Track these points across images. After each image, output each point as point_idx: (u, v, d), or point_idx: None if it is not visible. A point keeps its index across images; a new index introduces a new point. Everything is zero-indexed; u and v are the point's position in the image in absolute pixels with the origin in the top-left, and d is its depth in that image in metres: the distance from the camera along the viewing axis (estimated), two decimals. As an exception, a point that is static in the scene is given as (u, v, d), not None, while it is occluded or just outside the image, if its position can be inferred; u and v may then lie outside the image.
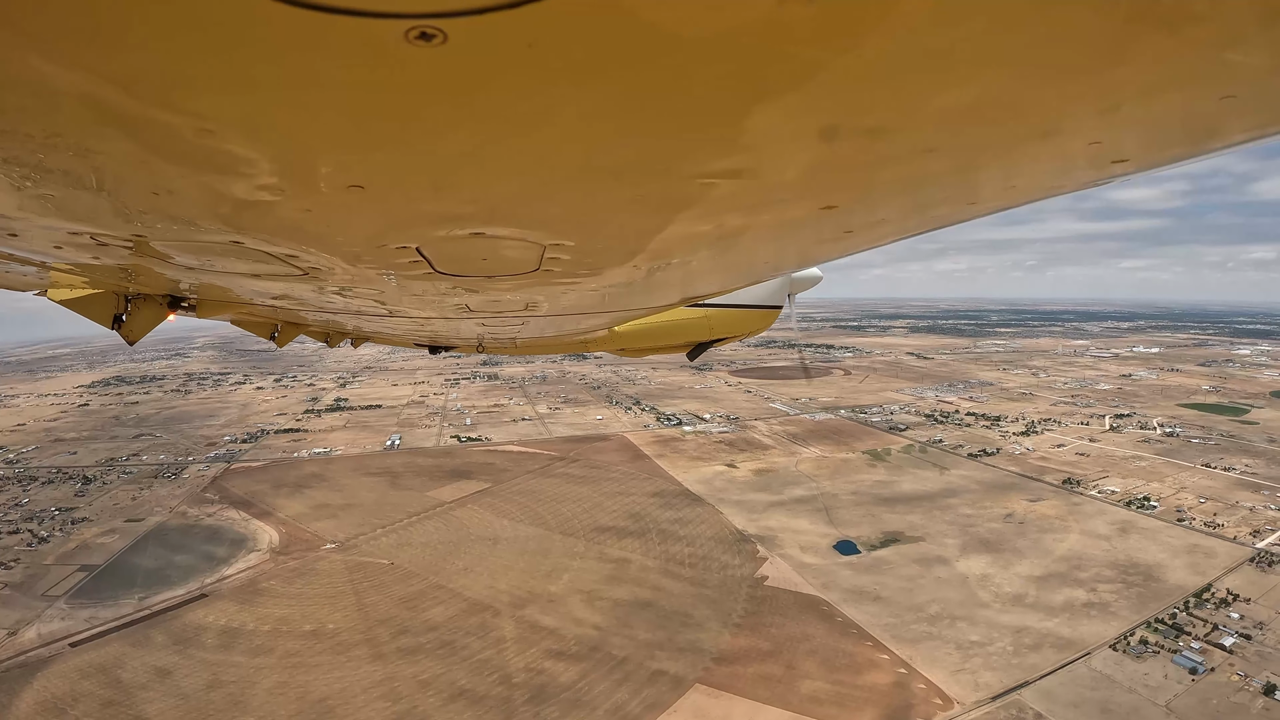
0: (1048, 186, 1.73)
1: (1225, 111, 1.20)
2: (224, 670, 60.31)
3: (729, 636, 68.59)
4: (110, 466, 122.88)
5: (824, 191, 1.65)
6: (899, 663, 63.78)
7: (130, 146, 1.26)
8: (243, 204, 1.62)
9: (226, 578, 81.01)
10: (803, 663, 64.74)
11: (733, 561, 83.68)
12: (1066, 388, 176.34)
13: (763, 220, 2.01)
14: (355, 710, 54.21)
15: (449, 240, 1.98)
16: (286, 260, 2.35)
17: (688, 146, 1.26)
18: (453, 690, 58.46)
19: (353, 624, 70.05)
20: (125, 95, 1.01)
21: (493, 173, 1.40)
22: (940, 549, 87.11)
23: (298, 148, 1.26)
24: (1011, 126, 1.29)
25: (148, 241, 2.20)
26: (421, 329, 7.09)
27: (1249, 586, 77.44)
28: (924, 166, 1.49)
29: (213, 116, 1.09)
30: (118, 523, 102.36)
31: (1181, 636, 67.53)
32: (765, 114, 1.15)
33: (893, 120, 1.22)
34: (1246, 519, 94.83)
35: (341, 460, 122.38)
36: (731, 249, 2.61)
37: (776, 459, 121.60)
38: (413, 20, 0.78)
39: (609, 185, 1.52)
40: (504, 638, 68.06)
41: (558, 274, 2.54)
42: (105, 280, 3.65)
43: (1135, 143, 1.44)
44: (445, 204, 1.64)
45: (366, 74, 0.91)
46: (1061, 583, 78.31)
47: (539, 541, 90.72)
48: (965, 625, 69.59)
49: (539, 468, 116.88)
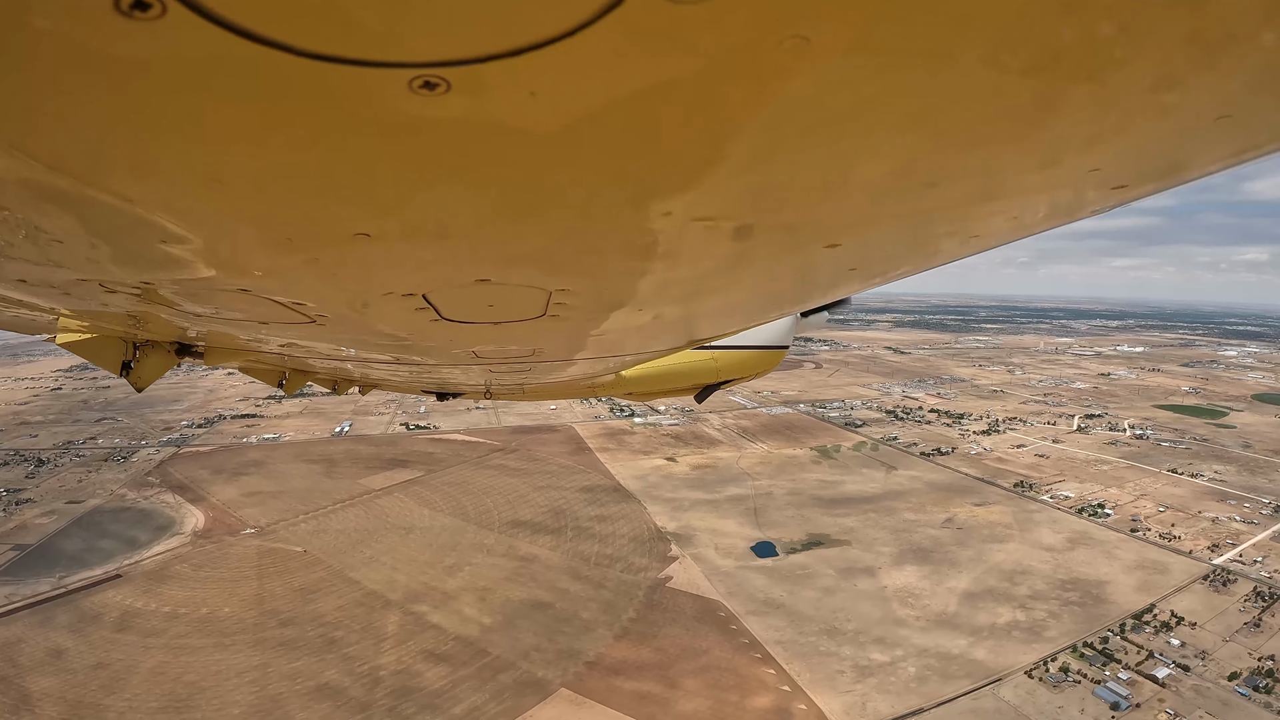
0: (1054, 218, 1.67)
1: (1222, 131, 1.14)
2: (113, 650, 58.37)
3: (612, 643, 60.96)
4: (66, 450, 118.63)
5: (828, 231, 1.61)
6: (787, 682, 55.29)
7: (136, 202, 1.21)
8: (247, 254, 1.60)
9: (144, 560, 77.28)
10: (686, 680, 56.68)
11: (641, 562, 75.60)
12: (1041, 386, 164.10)
13: (766, 261, 1.95)
14: (220, 695, 52.61)
15: (455, 287, 1.95)
16: (293, 307, 2.27)
17: (691, 192, 1.21)
18: (318, 684, 54.89)
19: (245, 611, 66.44)
20: (140, 148, 0.98)
21: (498, 219, 1.34)
22: (870, 557, 77.90)
23: (304, 197, 1.21)
24: (1015, 158, 1.23)
25: (155, 289, 2.13)
26: (429, 376, 6.69)
27: (1198, 608, 67.11)
28: (929, 200, 1.41)
29: (222, 169, 1.05)
30: (59, 504, 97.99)
31: (1110, 664, 57.81)
32: (770, 158, 1.09)
33: (900, 161, 1.16)
34: (1206, 531, 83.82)
35: (287, 447, 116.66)
36: (743, 295, 2.58)
37: (721, 454, 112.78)
38: (416, 70, 0.75)
39: (614, 231, 1.46)
40: (386, 634, 63.39)
41: (563, 319, 2.45)
42: (112, 327, 3.57)
43: (1133, 169, 1.38)
44: (451, 252, 1.59)
45: (371, 123, 0.89)
46: (994, 599, 68.79)
47: (452, 534, 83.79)
48: (874, 645, 60.67)
49: (477, 458, 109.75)
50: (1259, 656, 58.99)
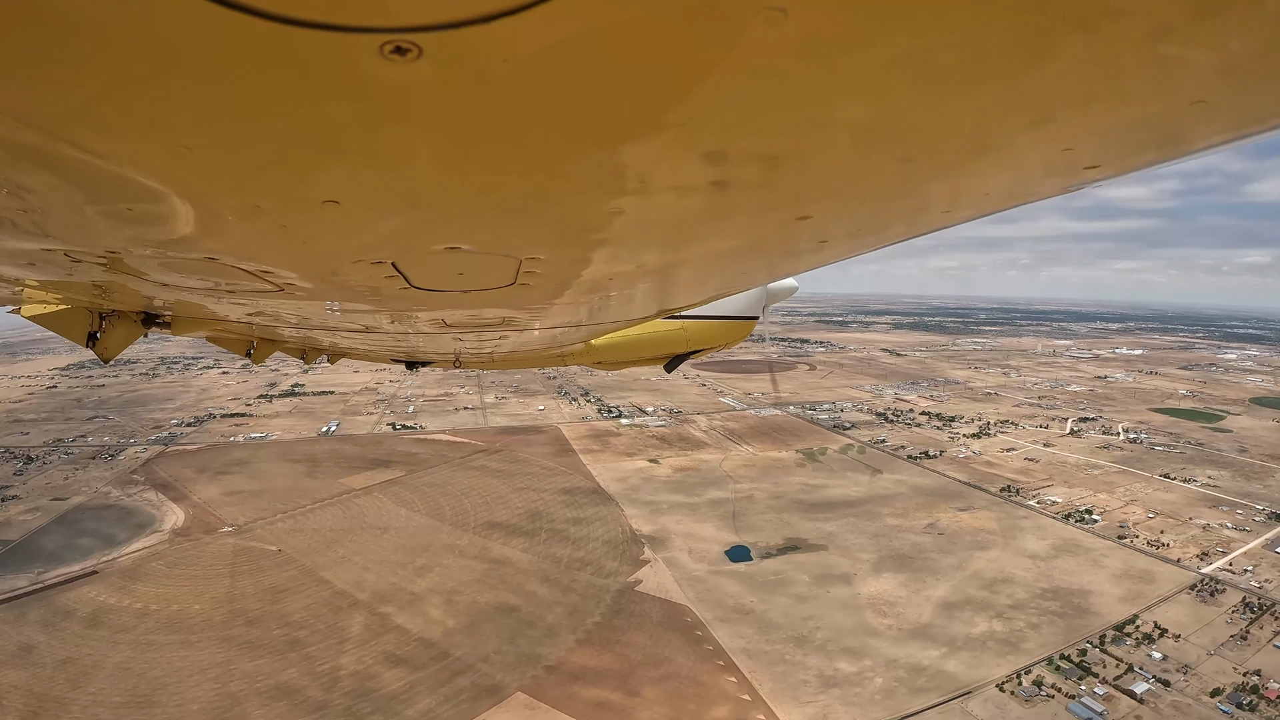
0: (1022, 193, 1.66)
1: (1198, 116, 1.13)
2: (82, 646, 58.10)
3: (574, 648, 58.98)
4: (55, 447, 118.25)
5: (799, 202, 1.59)
6: (749, 691, 52.94)
7: (105, 162, 1.18)
8: (216, 220, 1.57)
9: (120, 557, 76.54)
10: (646, 688, 54.52)
11: (611, 566, 73.44)
12: (1036, 388, 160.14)
13: (738, 232, 1.93)
14: (181, 691, 52.24)
15: (425, 255, 1.91)
16: (261, 276, 2.24)
17: (663, 159, 1.20)
18: (276, 683, 54.07)
19: (214, 609, 65.61)
20: (109, 112, 0.96)
21: (468, 187, 1.33)
22: (848, 563, 75.26)
23: (271, 163, 1.18)
24: (986, 134, 1.21)
25: (121, 258, 2.11)
26: (398, 344, 6.65)
27: (1183, 620, 63.97)
28: (899, 175, 1.41)
29: (190, 135, 1.04)
30: (44, 501, 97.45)
31: (1087, 678, 54.90)
32: (744, 127, 1.06)
33: (871, 128, 1.14)
34: (1197, 539, 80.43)
35: (273, 446, 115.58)
36: (707, 261, 2.54)
37: (706, 456, 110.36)
38: (387, 35, 0.73)
39: (584, 199, 1.45)
40: (350, 634, 62.12)
41: (533, 287, 2.43)
42: (79, 297, 3.47)
43: (1106, 149, 1.37)
44: (421, 219, 1.57)
45: (341, 89, 0.86)
46: (972, 609, 66.00)
47: (426, 534, 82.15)
48: (843, 656, 58.16)
49: (460, 459, 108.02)
50: (1244, 671, 55.91)
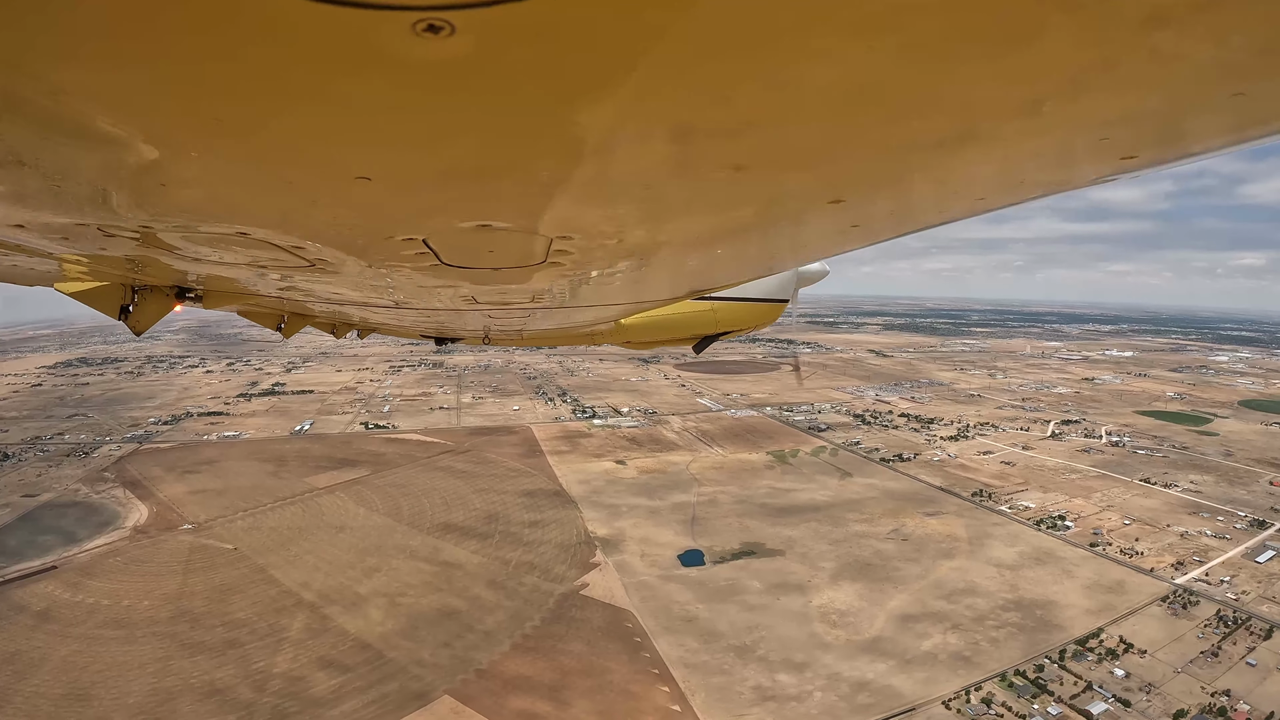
0: (1056, 181, 1.62)
1: (1236, 108, 1.10)
2: (32, 640, 57.60)
3: (509, 654, 55.84)
4: (32, 445, 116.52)
5: (832, 186, 1.57)
6: (680, 702, 49.33)
7: (142, 139, 1.18)
8: (250, 195, 1.58)
9: (80, 554, 75.08)
10: (578, 699, 50.98)
11: (560, 570, 70.02)
12: (1021, 390, 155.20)
13: (770, 215, 1.92)
14: (119, 686, 51.89)
15: (456, 232, 1.89)
16: (293, 251, 2.23)
17: (698, 140, 1.17)
18: (209, 682, 53.07)
19: (160, 607, 64.32)
20: (146, 88, 0.95)
21: (500, 165, 1.32)
22: (805, 571, 71.35)
23: (305, 140, 1.17)
24: (1025, 118, 1.14)
25: (155, 233, 2.08)
26: (428, 320, 6.61)
27: (1152, 634, 59.59)
28: (933, 159, 1.38)
29: (224, 110, 1.03)
30: (14, 498, 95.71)
31: (1041, 696, 50.80)
32: (783, 105, 1.03)
33: (905, 111, 1.10)
34: (1173, 547, 75.79)
35: (244, 445, 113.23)
36: (739, 243, 2.51)
37: (675, 458, 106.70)
38: (420, 12, 0.72)
39: (617, 178, 1.43)
40: (288, 636, 60.06)
41: (564, 266, 2.40)
42: (112, 272, 3.52)
43: (1144, 139, 1.32)
44: (452, 196, 1.56)
45: (374, 67, 0.85)
46: (930, 621, 61.95)
47: (380, 535, 79.29)
48: (785, 669, 54.39)
49: (427, 458, 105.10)
50: (1212, 691, 51.60)
